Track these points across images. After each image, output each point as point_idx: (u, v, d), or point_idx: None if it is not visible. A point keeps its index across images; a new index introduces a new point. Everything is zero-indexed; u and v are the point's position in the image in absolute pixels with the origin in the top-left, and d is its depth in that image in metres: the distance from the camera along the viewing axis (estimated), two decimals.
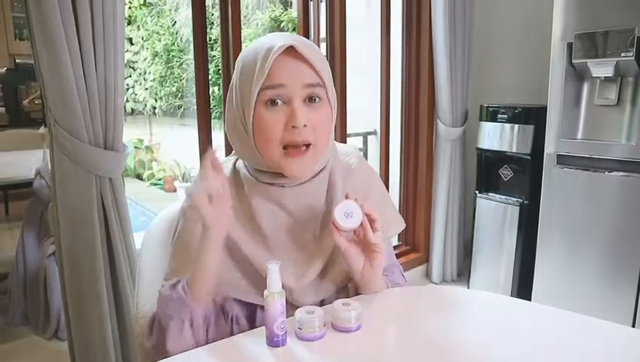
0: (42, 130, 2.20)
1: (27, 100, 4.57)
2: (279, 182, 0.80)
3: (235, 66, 0.80)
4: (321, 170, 0.83)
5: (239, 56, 0.80)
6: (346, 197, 0.79)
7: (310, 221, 0.82)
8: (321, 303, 0.83)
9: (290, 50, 0.74)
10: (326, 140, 0.80)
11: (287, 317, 0.71)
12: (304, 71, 0.75)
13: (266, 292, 0.69)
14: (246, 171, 0.84)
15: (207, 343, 0.74)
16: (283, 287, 0.71)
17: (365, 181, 0.90)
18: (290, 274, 0.79)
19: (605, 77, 1.82)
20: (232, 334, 0.76)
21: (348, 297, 0.84)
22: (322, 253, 0.82)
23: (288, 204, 0.81)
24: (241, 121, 0.78)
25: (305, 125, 0.74)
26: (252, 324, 0.79)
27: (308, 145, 0.77)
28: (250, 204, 0.81)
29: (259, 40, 0.79)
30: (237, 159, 0.88)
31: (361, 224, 0.78)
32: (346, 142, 2.29)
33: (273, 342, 0.69)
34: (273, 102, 0.75)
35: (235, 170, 0.86)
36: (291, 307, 0.75)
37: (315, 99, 0.77)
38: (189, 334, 0.72)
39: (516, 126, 2.20)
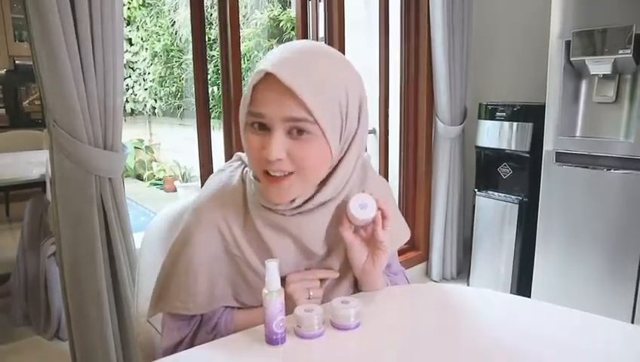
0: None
1: (27, 101, 4.57)
2: (279, 208, 0.76)
3: None
4: (329, 200, 0.78)
5: None
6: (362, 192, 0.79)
7: (317, 243, 0.80)
8: None
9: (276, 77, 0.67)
10: (314, 174, 0.74)
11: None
12: (286, 103, 0.67)
13: (264, 290, 0.69)
14: (250, 188, 0.79)
15: None
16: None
17: (377, 189, 0.86)
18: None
19: (603, 74, 1.82)
20: None
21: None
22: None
23: (293, 231, 0.78)
24: None
25: (280, 159, 0.69)
26: None
27: (289, 173, 0.71)
28: (257, 228, 0.78)
29: (274, 49, 0.74)
30: (244, 168, 0.83)
31: (374, 219, 0.78)
32: None
33: (272, 340, 0.70)
34: (260, 126, 0.71)
35: (242, 181, 0.82)
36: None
37: (303, 133, 0.69)
38: None
39: (515, 124, 2.20)
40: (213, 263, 0.78)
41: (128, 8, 5.55)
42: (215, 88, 4.21)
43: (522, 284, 2.25)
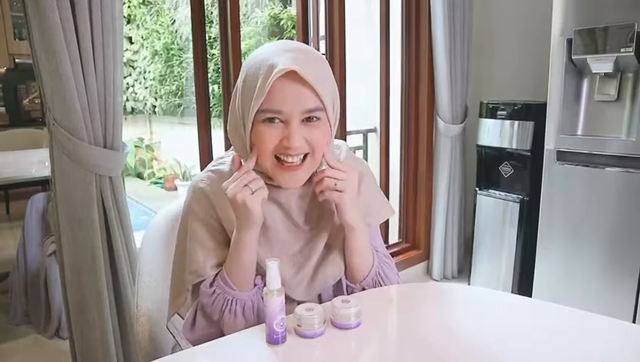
0: None
1: (27, 100, 4.57)
2: (276, 183, 0.82)
3: (241, 71, 0.81)
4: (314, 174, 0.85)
5: (245, 62, 0.81)
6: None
7: (303, 215, 0.85)
8: (319, 298, 0.85)
9: (293, 73, 0.73)
10: (322, 153, 0.80)
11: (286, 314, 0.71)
12: (304, 96, 0.75)
13: (265, 289, 0.69)
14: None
15: (259, 323, 0.79)
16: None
17: (355, 168, 0.90)
18: (288, 266, 0.82)
19: (605, 73, 1.81)
20: None
21: (342, 291, 0.86)
22: (317, 245, 0.85)
23: (284, 202, 0.84)
24: (242, 127, 0.80)
25: (298, 146, 0.76)
26: None
27: (305, 156, 0.78)
28: None
29: (266, 49, 0.79)
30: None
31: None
32: (345, 140, 2.29)
33: (273, 339, 0.69)
34: (271, 120, 0.76)
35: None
36: (288, 300, 0.76)
37: (313, 119, 0.78)
38: (242, 320, 0.79)
39: (516, 122, 2.19)
40: (211, 231, 0.82)
41: (128, 7, 5.55)
42: (215, 87, 4.21)
43: (523, 283, 2.24)
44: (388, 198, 0.99)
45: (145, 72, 5.84)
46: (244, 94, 0.78)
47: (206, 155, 1.85)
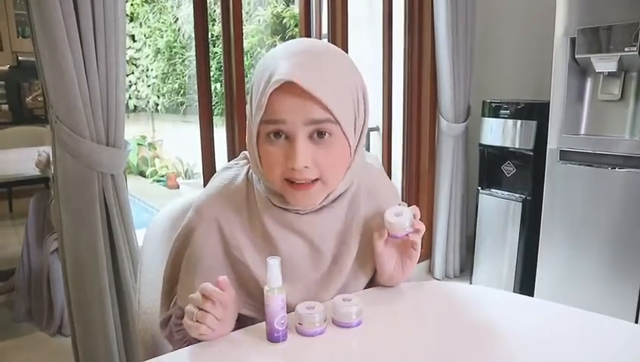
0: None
1: (30, 98, 4.57)
2: (294, 208, 0.76)
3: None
4: (340, 195, 0.78)
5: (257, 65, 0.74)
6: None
7: (327, 242, 0.79)
8: None
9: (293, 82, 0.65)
10: (337, 177, 0.74)
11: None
12: (307, 107, 0.66)
13: (266, 287, 0.69)
14: (259, 187, 0.78)
15: None
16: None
17: (388, 199, 0.85)
18: (303, 293, 0.78)
19: (609, 72, 1.81)
20: None
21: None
22: (339, 275, 0.80)
23: (305, 231, 0.77)
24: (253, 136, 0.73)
25: (306, 166, 0.68)
26: None
27: (314, 180, 0.71)
28: (265, 226, 0.76)
29: (276, 50, 0.72)
30: (249, 167, 0.81)
31: (412, 226, 0.77)
32: None
33: (273, 337, 0.69)
34: (276, 135, 0.69)
35: (247, 180, 0.80)
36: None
37: (324, 134, 0.69)
38: None
39: (519, 122, 2.19)
40: (212, 263, 0.77)
41: (131, 4, 5.55)
42: (218, 85, 4.21)
43: (525, 283, 2.24)
44: None
45: (147, 70, 5.85)
46: (251, 101, 0.72)
47: (208, 153, 1.85)
